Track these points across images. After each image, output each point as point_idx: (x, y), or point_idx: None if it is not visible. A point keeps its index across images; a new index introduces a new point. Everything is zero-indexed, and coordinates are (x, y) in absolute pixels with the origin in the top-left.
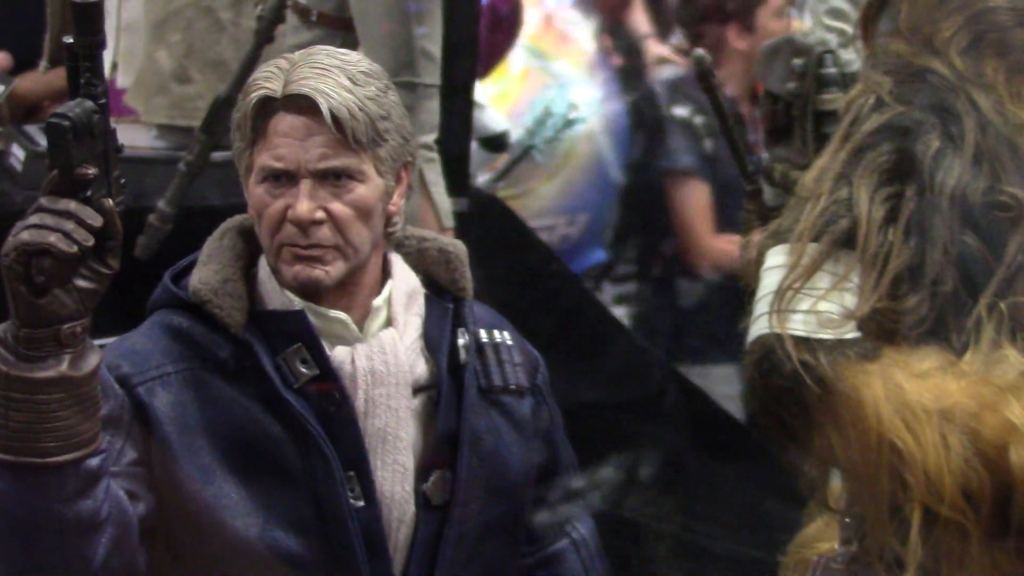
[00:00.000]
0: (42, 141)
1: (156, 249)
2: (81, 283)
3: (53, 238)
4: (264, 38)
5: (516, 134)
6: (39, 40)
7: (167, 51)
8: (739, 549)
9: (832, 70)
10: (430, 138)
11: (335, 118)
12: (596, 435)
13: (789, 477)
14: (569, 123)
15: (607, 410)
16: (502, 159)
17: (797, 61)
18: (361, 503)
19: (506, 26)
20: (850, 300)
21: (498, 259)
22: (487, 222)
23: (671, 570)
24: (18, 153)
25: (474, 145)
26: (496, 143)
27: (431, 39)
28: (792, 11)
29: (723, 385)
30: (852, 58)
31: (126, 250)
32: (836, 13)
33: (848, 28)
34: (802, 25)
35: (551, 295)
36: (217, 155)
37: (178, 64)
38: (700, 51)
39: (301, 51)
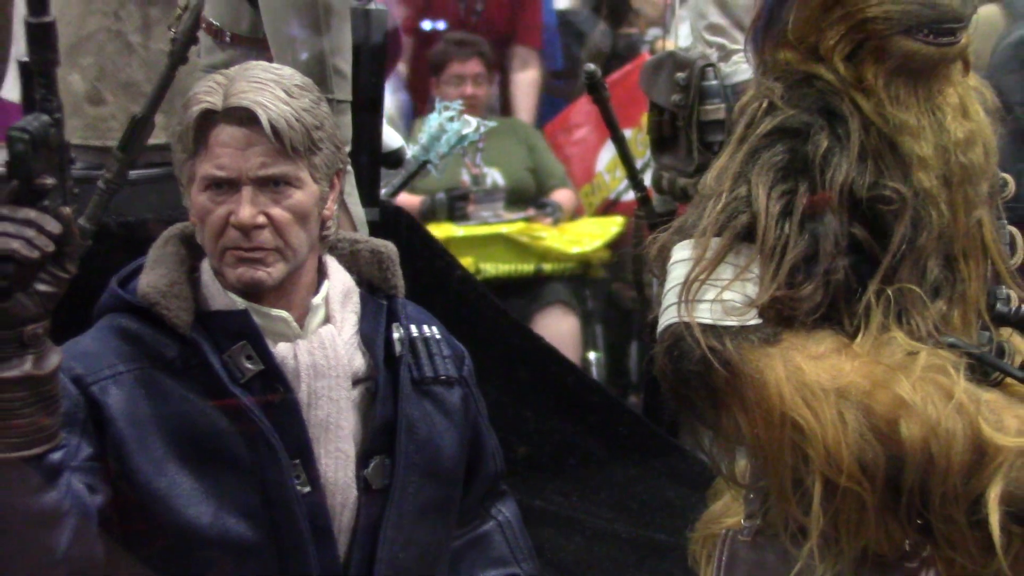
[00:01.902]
0: None
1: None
2: (41, 287)
3: (16, 244)
4: (178, 59)
5: (411, 150)
6: None
7: (80, 74)
8: (643, 532)
9: (714, 82)
10: (344, 151)
11: (274, 128)
12: (501, 431)
13: (687, 467)
14: (461, 139)
15: (514, 410)
16: (397, 174)
17: (680, 75)
18: (307, 489)
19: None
20: (751, 289)
21: (406, 265)
22: (395, 231)
23: (582, 554)
24: None
25: None
26: (392, 159)
27: (342, 57)
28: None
29: None
30: (732, 71)
31: None
32: (715, 28)
33: (727, 43)
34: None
35: (454, 297)
36: (133, 173)
37: (91, 86)
38: (591, 65)
39: (237, 66)
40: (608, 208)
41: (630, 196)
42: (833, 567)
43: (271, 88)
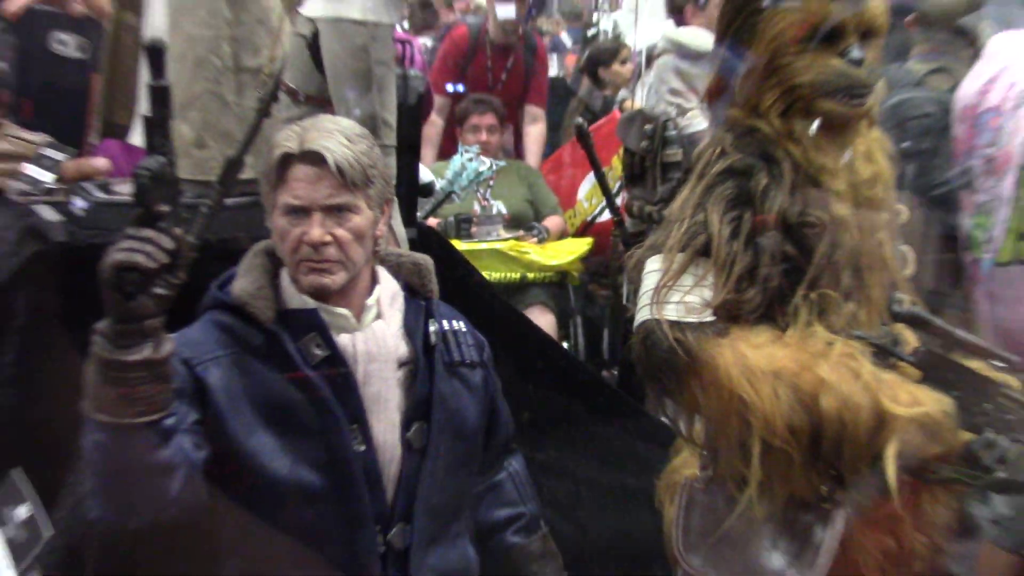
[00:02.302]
0: (95, 194)
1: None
2: (158, 290)
3: (139, 257)
4: (263, 114)
5: (439, 184)
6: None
7: (188, 125)
8: (619, 479)
9: (673, 133)
10: (391, 185)
11: (338, 167)
12: (511, 401)
13: (654, 428)
14: (478, 175)
15: (519, 385)
16: (428, 202)
17: (648, 127)
18: (362, 448)
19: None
20: (707, 294)
21: (437, 273)
22: (427, 246)
23: (572, 496)
24: (78, 203)
25: None
26: (425, 190)
27: (389, 111)
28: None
29: None
30: (687, 124)
31: None
32: (675, 92)
33: (683, 103)
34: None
35: (473, 298)
36: (228, 201)
37: (196, 135)
38: (579, 119)
39: (309, 119)
40: (586, 228)
41: (604, 218)
42: (767, 507)
43: (336, 136)
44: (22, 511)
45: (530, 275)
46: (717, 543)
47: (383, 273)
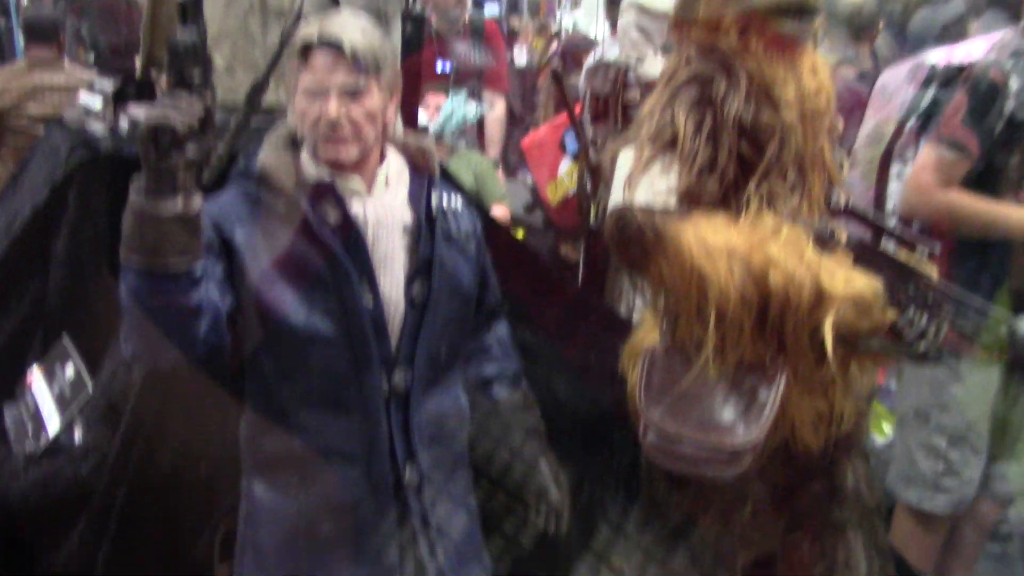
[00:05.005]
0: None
1: (214, 178)
2: (189, 151)
3: (171, 113)
4: (284, 45)
5: (432, 126)
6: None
7: (220, 56)
8: (587, 356)
9: (632, 77)
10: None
11: (353, 53)
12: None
13: (619, 320)
14: (466, 121)
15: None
16: None
17: (611, 73)
18: (370, 302)
19: None
20: (673, 181)
21: None
22: None
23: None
24: (123, 123)
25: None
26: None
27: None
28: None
29: None
30: (643, 71)
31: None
32: (634, 44)
33: (641, 52)
34: None
35: None
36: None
37: (228, 64)
38: (555, 66)
39: (329, 14)
40: (568, 201)
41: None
42: (720, 369)
43: (352, 27)
44: (69, 370)
45: None
46: (675, 399)
47: (391, 151)
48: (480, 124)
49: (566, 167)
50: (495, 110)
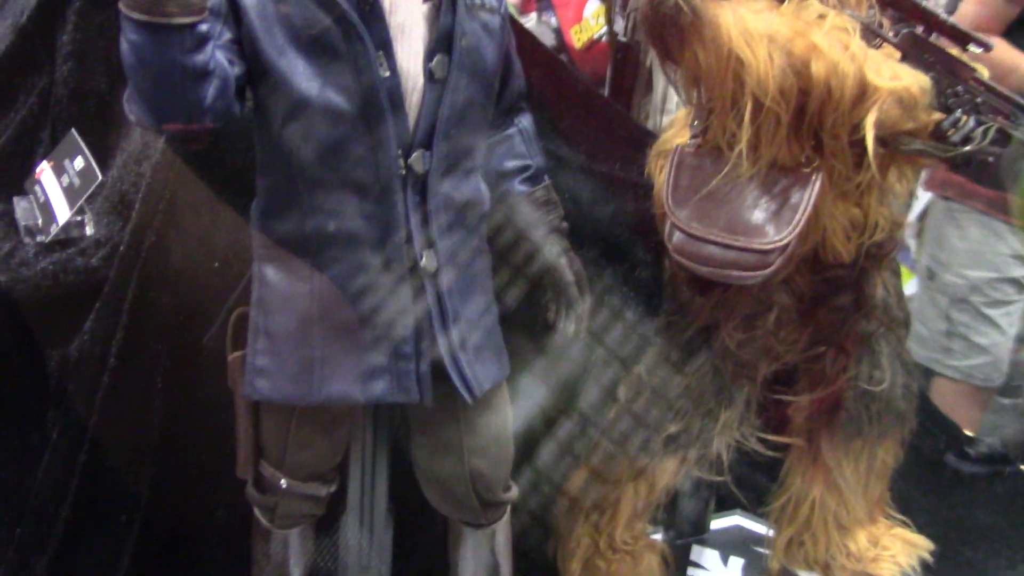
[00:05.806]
0: None
1: None
2: None
3: None
4: None
5: None
6: None
7: None
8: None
9: None
10: None
11: None
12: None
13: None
14: None
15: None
16: None
17: None
18: (387, 74)
19: None
20: None
21: None
22: None
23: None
24: None
25: None
26: None
27: None
28: None
29: None
30: None
31: None
32: None
33: None
34: None
35: None
36: None
37: None
38: None
39: None
40: (592, 45)
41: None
42: (752, 167)
43: None
44: (79, 162)
45: None
46: (703, 199)
47: None
48: None
49: (592, 8)
50: None
